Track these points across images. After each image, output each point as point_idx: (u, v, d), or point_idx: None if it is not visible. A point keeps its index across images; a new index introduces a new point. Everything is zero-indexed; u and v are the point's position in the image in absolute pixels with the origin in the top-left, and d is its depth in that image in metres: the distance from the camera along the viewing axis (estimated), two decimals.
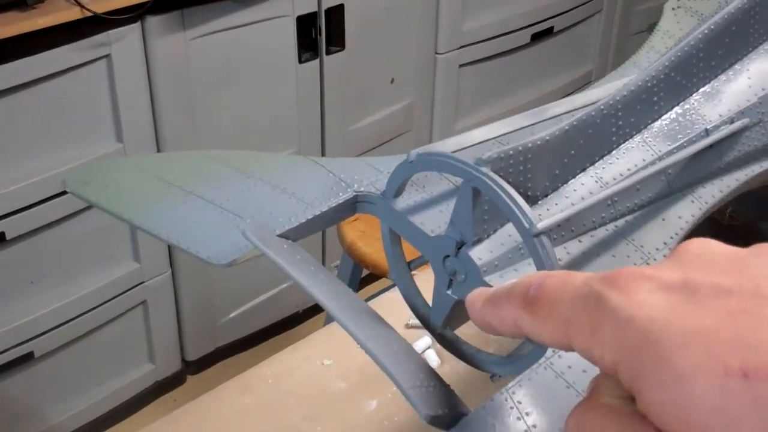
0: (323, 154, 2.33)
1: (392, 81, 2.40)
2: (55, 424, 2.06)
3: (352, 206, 0.76)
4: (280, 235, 0.72)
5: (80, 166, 1.82)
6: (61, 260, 1.93)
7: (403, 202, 0.74)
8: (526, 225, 0.64)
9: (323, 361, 1.09)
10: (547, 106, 0.80)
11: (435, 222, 0.73)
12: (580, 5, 2.76)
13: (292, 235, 0.73)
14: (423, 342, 1.09)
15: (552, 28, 2.69)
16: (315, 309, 2.53)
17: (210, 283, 2.25)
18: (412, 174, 0.72)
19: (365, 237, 1.87)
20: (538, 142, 0.71)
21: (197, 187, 0.74)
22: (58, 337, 1.97)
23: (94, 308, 2.02)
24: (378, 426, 1.01)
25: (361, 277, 2.00)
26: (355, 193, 0.75)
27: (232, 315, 2.35)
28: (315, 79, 2.21)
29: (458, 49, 2.48)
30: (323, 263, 2.47)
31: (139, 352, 2.21)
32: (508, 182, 0.65)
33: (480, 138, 0.75)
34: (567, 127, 0.73)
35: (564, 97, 2.78)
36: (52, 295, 1.93)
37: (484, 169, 0.66)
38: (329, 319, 2.06)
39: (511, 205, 0.64)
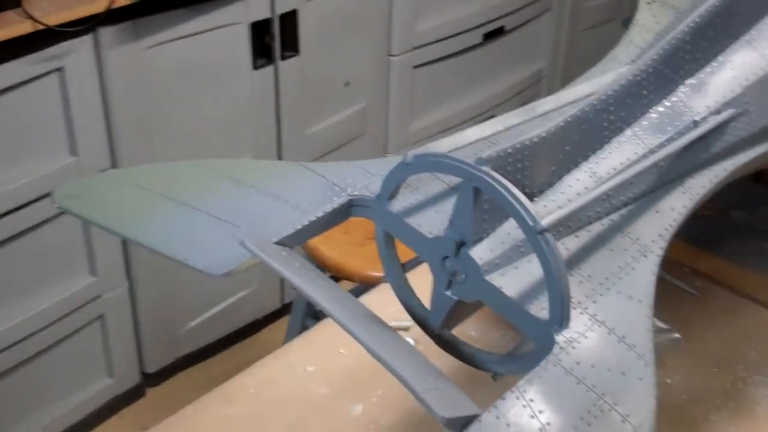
0: (280, 159, 2.31)
1: (347, 84, 2.39)
2: None
3: (347, 210, 0.75)
4: (276, 243, 0.71)
5: (70, 182, 1.77)
6: (16, 277, 1.89)
7: (398, 205, 0.74)
8: (531, 223, 0.64)
9: (306, 368, 1.07)
10: (535, 103, 0.80)
11: (432, 223, 0.72)
12: (529, 4, 2.78)
13: (289, 242, 0.72)
14: None
15: (503, 27, 2.71)
16: (275, 315, 2.50)
17: (168, 294, 2.21)
18: (407, 176, 0.72)
19: (327, 240, 1.86)
20: (535, 140, 0.71)
21: (190, 197, 0.73)
22: (14, 354, 1.93)
23: (50, 324, 1.98)
24: (364, 430, 1.00)
25: None
26: (349, 197, 0.75)
27: (191, 325, 2.31)
28: (270, 85, 2.19)
29: (411, 50, 2.48)
30: None
31: (97, 366, 2.17)
32: (507, 180, 0.65)
33: (473, 138, 0.75)
34: (562, 124, 0.73)
35: (516, 95, 2.79)
36: (7, 313, 1.89)
37: (485, 168, 0.65)
38: (292, 326, 2.04)
39: (515, 203, 0.64)
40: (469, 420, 0.60)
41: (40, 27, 1.69)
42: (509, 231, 0.70)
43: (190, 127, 2.07)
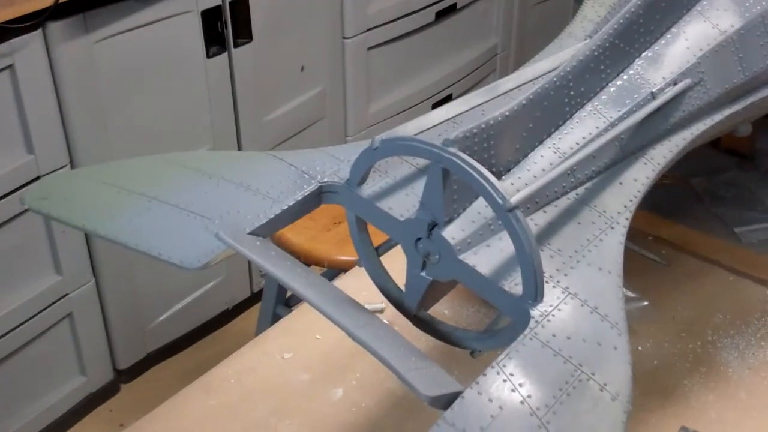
0: (239, 148, 2.30)
1: (302, 69, 2.38)
2: None
3: (317, 197, 0.76)
4: (250, 233, 0.71)
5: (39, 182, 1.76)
6: None
7: (368, 189, 0.75)
8: (500, 201, 0.65)
9: (283, 355, 1.08)
10: (498, 82, 0.81)
11: (402, 206, 0.73)
12: None
13: (262, 232, 0.72)
14: None
15: (455, 4, 2.71)
16: (245, 305, 2.50)
17: (135, 289, 2.21)
18: (376, 161, 0.73)
19: (294, 228, 1.86)
20: (499, 119, 0.72)
21: (159, 192, 0.73)
22: None
23: (18, 326, 1.96)
24: (346, 414, 1.01)
25: None
26: (319, 185, 0.75)
27: (160, 319, 2.31)
28: (225, 73, 2.18)
29: (365, 32, 2.48)
30: None
31: (69, 365, 2.16)
32: (474, 160, 0.66)
33: (438, 119, 0.76)
34: (524, 102, 0.74)
35: (472, 72, 2.79)
36: None
37: (453, 150, 0.66)
38: (263, 315, 2.04)
39: (483, 182, 0.65)
40: (453, 397, 0.61)
41: None
42: (479, 210, 0.72)
43: (148, 119, 2.06)
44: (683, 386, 1.02)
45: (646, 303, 1.13)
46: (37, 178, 1.87)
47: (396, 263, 0.78)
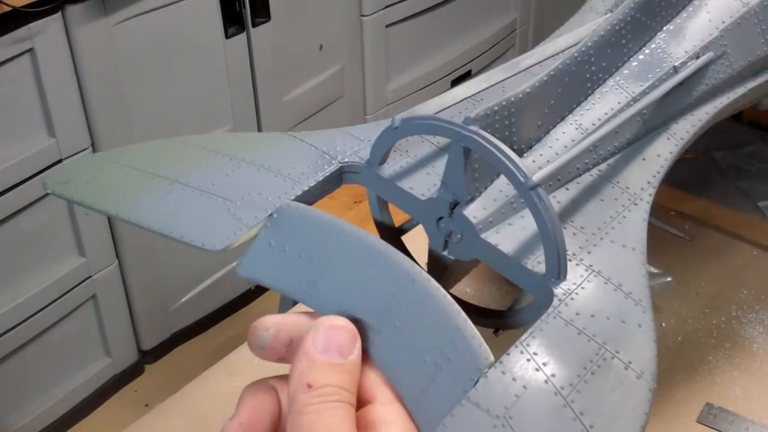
0: (259, 129, 2.30)
1: (321, 48, 2.38)
2: (16, 429, 2.02)
3: (338, 177, 0.76)
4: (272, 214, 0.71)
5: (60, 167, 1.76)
6: (4, 263, 1.89)
7: (389, 169, 0.74)
8: (522, 179, 0.64)
9: None
10: (519, 58, 0.80)
11: (424, 185, 0.73)
12: None
13: None
14: None
15: None
16: None
17: (159, 270, 2.22)
18: (396, 140, 0.72)
19: (316, 207, 1.86)
20: (520, 96, 0.71)
21: (181, 174, 0.73)
22: (9, 341, 1.93)
23: (43, 308, 1.98)
24: None
25: None
26: (340, 165, 0.75)
27: (184, 299, 2.32)
28: (244, 53, 2.18)
29: (383, 9, 2.46)
30: None
31: (94, 347, 2.18)
32: (496, 138, 0.66)
33: (459, 97, 0.75)
34: (545, 78, 0.73)
35: (491, 48, 2.78)
36: None
37: (474, 128, 0.66)
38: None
39: (505, 160, 0.65)
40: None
41: (6, 9, 1.67)
42: (501, 188, 0.71)
43: (167, 101, 2.06)
44: (708, 362, 1.02)
45: (669, 279, 1.12)
46: (59, 161, 1.88)
47: (417, 243, 0.78)
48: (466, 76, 2.76)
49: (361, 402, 0.58)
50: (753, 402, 0.98)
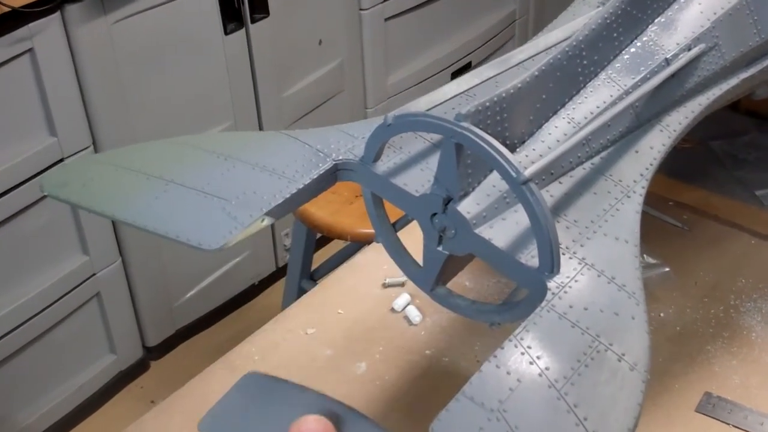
0: (260, 125, 2.31)
1: (320, 42, 2.38)
2: (24, 427, 2.04)
3: (333, 175, 0.76)
4: (267, 213, 0.72)
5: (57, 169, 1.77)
6: (8, 262, 1.90)
7: (383, 166, 0.75)
8: (513, 174, 0.65)
9: (306, 331, 1.09)
10: (510, 53, 0.81)
11: (417, 181, 0.74)
12: None
13: (279, 211, 0.73)
14: (402, 299, 1.10)
15: None
16: (270, 279, 2.52)
17: (162, 266, 2.23)
18: (390, 137, 0.73)
19: (316, 201, 1.86)
20: (512, 91, 0.72)
21: (176, 175, 0.73)
22: (15, 340, 1.94)
23: (47, 307, 1.99)
24: (370, 387, 1.02)
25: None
26: (334, 162, 0.75)
27: (188, 295, 2.33)
28: (243, 50, 2.18)
29: (382, 3, 2.46)
30: (272, 233, 2.46)
31: (99, 344, 2.19)
32: (488, 133, 0.66)
33: (451, 93, 0.76)
34: (537, 73, 0.74)
35: (490, 40, 2.78)
36: (3, 299, 1.90)
37: (465, 124, 0.66)
38: (288, 289, 2.06)
39: (496, 156, 0.65)
40: None
41: (6, 9, 1.68)
42: (494, 183, 0.71)
43: (168, 98, 2.07)
44: (706, 352, 1.02)
45: (667, 269, 1.13)
46: (61, 160, 1.89)
47: (413, 238, 0.78)
48: (467, 68, 2.76)
49: None
50: (752, 391, 0.98)
